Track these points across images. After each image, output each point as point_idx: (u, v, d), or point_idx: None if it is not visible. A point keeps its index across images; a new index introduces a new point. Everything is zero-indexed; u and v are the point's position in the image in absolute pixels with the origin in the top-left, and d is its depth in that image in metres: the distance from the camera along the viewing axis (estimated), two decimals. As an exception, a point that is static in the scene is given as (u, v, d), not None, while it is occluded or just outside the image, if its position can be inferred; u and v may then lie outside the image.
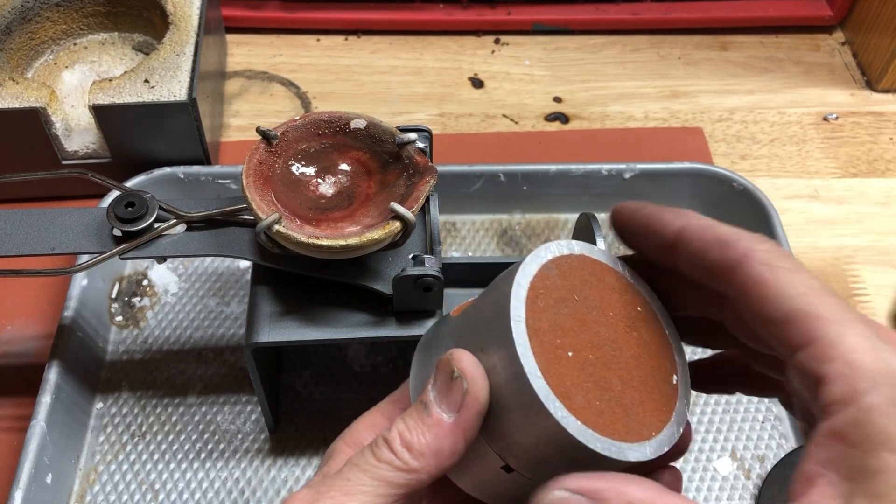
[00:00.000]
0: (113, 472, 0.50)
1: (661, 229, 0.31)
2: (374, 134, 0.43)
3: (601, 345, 0.30)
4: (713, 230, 0.30)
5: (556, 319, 0.29)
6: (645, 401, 0.30)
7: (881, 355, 0.25)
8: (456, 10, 0.76)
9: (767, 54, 0.76)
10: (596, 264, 0.32)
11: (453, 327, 0.32)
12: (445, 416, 0.29)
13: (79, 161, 0.60)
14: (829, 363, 0.26)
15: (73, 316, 0.52)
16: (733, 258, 0.29)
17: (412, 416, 0.30)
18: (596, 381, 0.29)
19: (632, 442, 0.29)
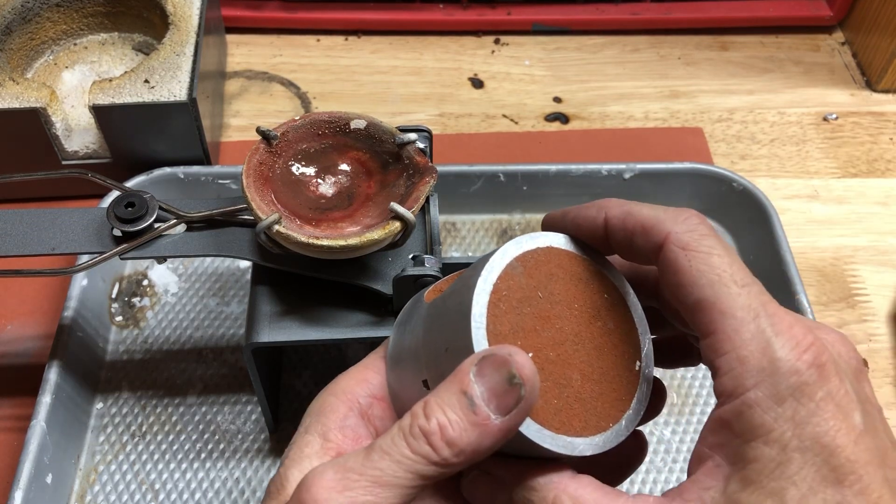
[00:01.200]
0: (113, 472, 0.50)
1: (589, 229, 0.32)
2: (374, 134, 0.43)
3: (563, 341, 0.31)
4: (634, 216, 0.31)
5: (518, 321, 0.30)
6: (604, 392, 0.31)
7: (769, 354, 0.27)
8: (456, 10, 0.76)
9: (767, 54, 0.76)
10: (563, 255, 0.33)
11: (425, 317, 0.33)
12: (493, 416, 0.28)
13: (79, 161, 0.60)
14: (723, 356, 0.28)
15: (73, 316, 0.52)
16: (655, 242, 0.30)
17: (455, 410, 0.28)
18: (555, 380, 0.30)
19: (588, 436, 0.30)
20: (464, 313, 0.30)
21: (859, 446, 0.26)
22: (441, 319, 0.32)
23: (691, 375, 0.54)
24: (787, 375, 0.27)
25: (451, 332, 0.30)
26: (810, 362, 0.27)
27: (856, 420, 0.27)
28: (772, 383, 0.27)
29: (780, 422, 0.26)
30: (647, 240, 0.30)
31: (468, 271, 0.32)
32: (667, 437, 0.52)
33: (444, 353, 0.30)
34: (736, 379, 0.27)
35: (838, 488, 0.26)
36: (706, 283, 0.28)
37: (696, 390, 0.54)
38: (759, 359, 0.27)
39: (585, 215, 0.33)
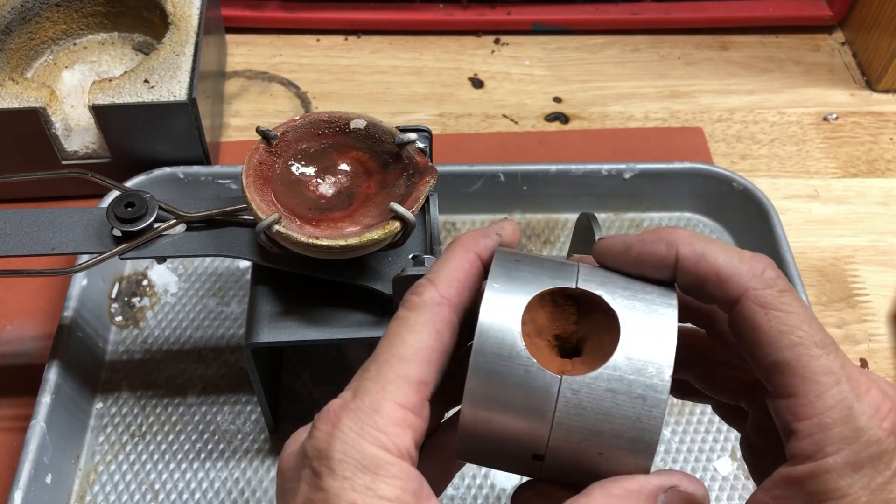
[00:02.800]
0: (113, 472, 0.50)
1: (656, 267, 0.31)
2: (374, 134, 0.43)
3: None
4: (708, 261, 0.30)
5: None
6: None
7: (852, 422, 0.27)
8: (456, 10, 0.76)
9: (767, 54, 0.76)
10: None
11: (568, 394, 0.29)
12: None
13: (79, 161, 0.60)
14: (804, 421, 0.27)
15: (73, 316, 0.52)
16: (731, 296, 0.29)
17: None
18: None
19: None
20: (645, 430, 0.28)
21: None
22: (598, 415, 0.28)
23: (691, 375, 0.54)
24: (868, 444, 0.27)
25: (613, 437, 0.28)
26: (889, 430, 0.27)
27: None
28: (852, 451, 0.27)
29: (855, 488, 0.27)
30: (723, 291, 0.29)
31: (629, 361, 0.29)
32: (666, 437, 0.52)
33: (591, 450, 0.28)
34: (816, 444, 0.27)
35: None
36: (786, 345, 0.28)
37: (696, 390, 0.54)
38: (841, 427, 0.27)
39: (652, 252, 0.31)
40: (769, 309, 0.28)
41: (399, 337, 0.30)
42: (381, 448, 0.27)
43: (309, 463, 0.28)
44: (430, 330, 0.29)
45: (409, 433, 0.28)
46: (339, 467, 0.27)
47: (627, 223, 0.62)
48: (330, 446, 0.27)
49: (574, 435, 0.28)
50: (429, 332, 0.29)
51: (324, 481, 0.27)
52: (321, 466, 0.27)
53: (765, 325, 0.28)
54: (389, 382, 0.28)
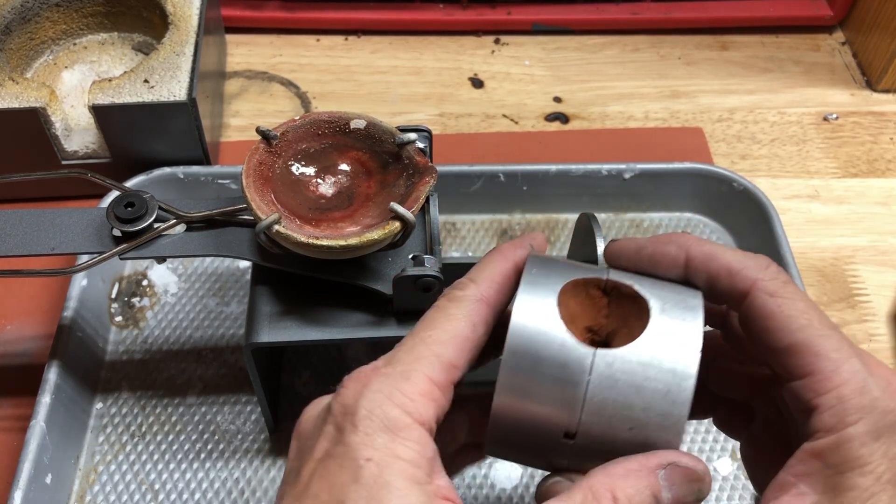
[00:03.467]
0: (113, 472, 0.50)
1: (668, 267, 0.33)
2: (374, 134, 0.43)
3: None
4: (718, 259, 0.32)
5: None
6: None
7: (869, 392, 0.29)
8: (456, 10, 0.76)
9: (767, 54, 0.76)
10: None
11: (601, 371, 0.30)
12: None
13: (78, 161, 0.60)
14: (823, 395, 0.29)
15: (73, 316, 0.52)
16: (741, 289, 0.31)
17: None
18: None
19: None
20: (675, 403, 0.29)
21: None
22: (630, 387, 0.29)
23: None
24: (885, 414, 0.29)
25: (643, 411, 0.29)
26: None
27: None
28: (871, 420, 0.28)
29: (875, 456, 0.28)
30: (733, 285, 0.31)
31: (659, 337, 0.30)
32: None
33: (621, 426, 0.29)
34: (837, 415, 0.29)
35: None
36: (797, 328, 0.30)
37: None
38: (859, 398, 0.29)
39: (664, 252, 0.33)
40: (778, 297, 0.30)
41: (437, 321, 0.31)
42: (405, 412, 0.28)
43: (333, 419, 0.29)
44: (468, 321, 0.31)
45: (432, 406, 0.29)
46: (362, 424, 0.28)
47: (627, 223, 0.62)
48: (357, 403, 0.28)
49: (606, 408, 0.29)
50: (466, 323, 0.31)
51: (345, 436, 0.28)
52: (345, 422, 0.28)
53: (776, 311, 0.30)
54: (423, 357, 0.30)
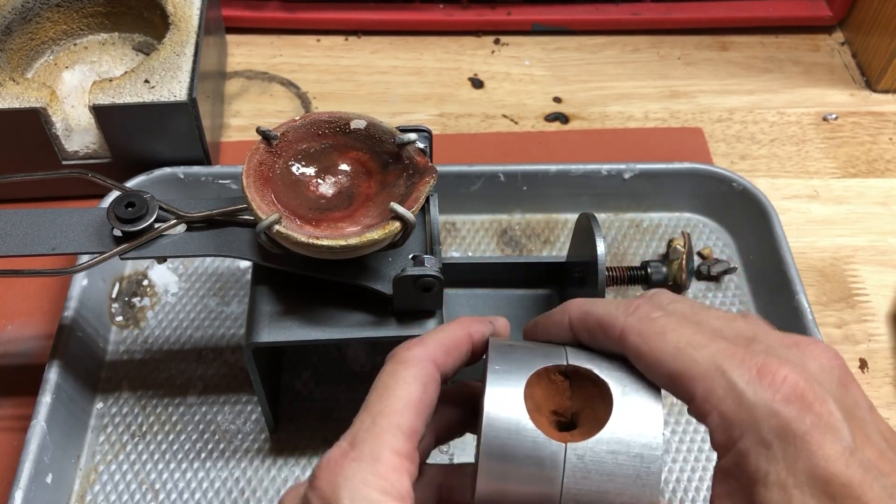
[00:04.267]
0: (113, 471, 0.50)
1: (558, 333, 0.35)
2: (374, 134, 0.43)
3: None
4: (592, 316, 0.33)
5: None
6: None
7: (745, 404, 0.28)
8: (456, 10, 0.76)
9: (767, 54, 0.76)
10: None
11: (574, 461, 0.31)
12: None
13: (79, 161, 0.60)
14: (707, 417, 0.29)
15: (74, 316, 0.52)
16: (616, 338, 0.32)
17: None
18: None
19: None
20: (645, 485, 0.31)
21: (851, 467, 0.27)
22: (602, 476, 0.31)
23: (691, 375, 0.54)
24: (768, 419, 0.28)
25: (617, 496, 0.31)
26: (787, 398, 0.28)
27: (844, 440, 0.28)
28: (754, 431, 0.28)
29: (772, 464, 0.28)
30: (607, 336, 0.32)
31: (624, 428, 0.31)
32: (666, 436, 0.52)
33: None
34: (725, 434, 0.29)
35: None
36: (669, 359, 0.30)
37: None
38: (737, 412, 0.29)
39: (552, 321, 0.35)
40: (644, 336, 0.31)
41: (389, 389, 0.32)
42: (384, 493, 0.29)
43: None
44: (418, 384, 0.32)
45: (406, 476, 0.30)
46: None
47: (627, 223, 0.62)
48: (337, 494, 0.29)
49: (582, 498, 0.31)
50: (416, 386, 0.32)
51: None
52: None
53: (647, 351, 0.31)
54: (385, 431, 0.31)
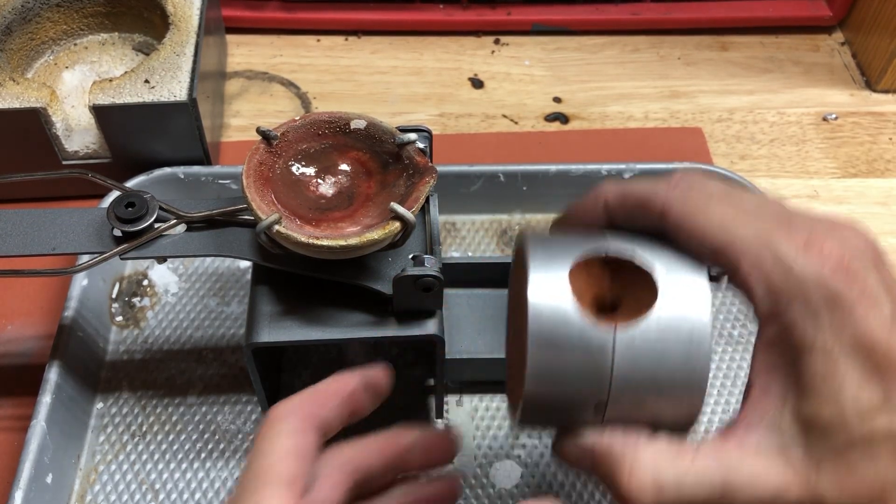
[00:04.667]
0: (113, 471, 0.50)
1: (592, 217, 0.35)
2: (374, 134, 0.43)
3: None
4: (630, 195, 0.33)
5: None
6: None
7: (793, 272, 0.29)
8: (456, 10, 0.76)
9: (767, 54, 0.76)
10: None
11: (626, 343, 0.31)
12: None
13: (79, 161, 0.60)
14: (755, 288, 0.30)
15: (74, 316, 0.52)
16: (656, 215, 0.32)
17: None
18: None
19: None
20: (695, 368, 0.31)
21: (894, 336, 0.29)
22: (652, 361, 0.31)
23: (691, 375, 0.54)
24: (816, 289, 0.29)
25: (668, 378, 0.31)
26: (834, 268, 0.29)
27: (885, 312, 0.29)
28: (805, 300, 0.29)
29: (819, 333, 0.29)
30: (648, 213, 0.33)
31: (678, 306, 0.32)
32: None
33: (648, 394, 0.31)
34: (772, 304, 0.30)
35: (882, 382, 0.28)
36: (715, 232, 0.31)
37: (695, 390, 0.54)
38: (786, 282, 0.29)
39: (586, 207, 0.35)
40: (687, 210, 0.31)
41: (265, 445, 0.34)
42: None
43: None
44: (290, 435, 0.34)
45: None
46: None
47: (627, 223, 0.62)
48: None
49: (632, 382, 0.31)
50: (289, 438, 0.34)
51: None
52: None
53: (691, 224, 0.31)
54: (265, 486, 0.32)
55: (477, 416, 0.52)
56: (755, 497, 0.29)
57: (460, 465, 0.50)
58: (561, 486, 0.50)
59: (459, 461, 0.50)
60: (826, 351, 0.29)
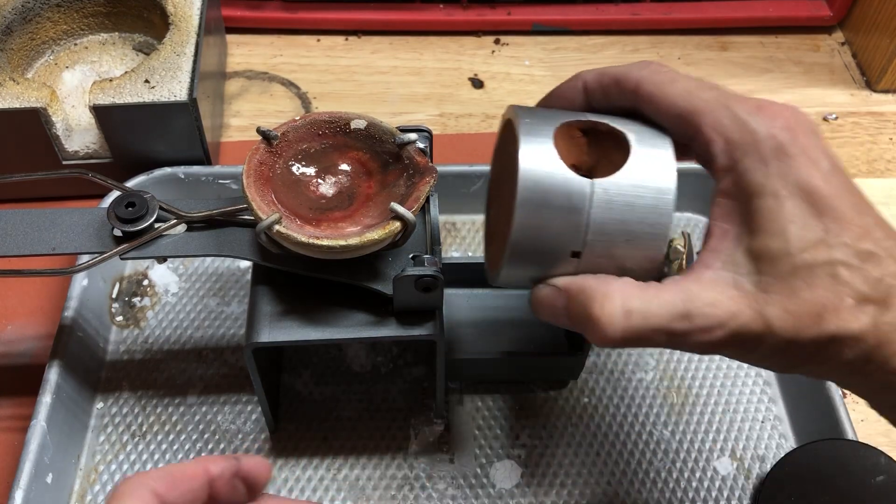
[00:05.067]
0: (113, 471, 0.50)
1: (571, 97, 0.40)
2: (375, 134, 0.43)
3: None
4: (607, 75, 0.39)
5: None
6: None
7: (749, 129, 0.34)
8: (456, 10, 0.76)
9: (767, 54, 0.76)
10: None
11: (601, 196, 0.35)
12: None
13: (79, 161, 0.60)
14: (713, 143, 0.35)
15: (74, 316, 0.52)
16: (630, 91, 0.38)
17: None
18: None
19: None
20: (662, 213, 0.35)
21: (831, 184, 0.34)
22: (624, 207, 0.35)
23: (691, 376, 0.54)
24: (767, 141, 0.34)
25: (637, 224, 0.35)
26: (782, 127, 0.34)
27: (824, 166, 0.34)
28: (756, 150, 0.34)
29: (770, 178, 0.34)
30: (622, 89, 0.38)
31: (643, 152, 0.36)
32: (666, 436, 0.52)
33: (619, 239, 0.36)
34: (729, 155, 0.35)
35: (822, 219, 0.33)
36: (681, 100, 0.36)
37: (695, 390, 0.54)
38: (741, 135, 0.34)
39: (567, 87, 0.40)
40: (658, 84, 0.37)
41: None
42: None
43: None
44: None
45: None
46: None
47: (627, 223, 0.62)
48: None
49: (607, 227, 0.35)
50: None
51: None
52: None
53: (660, 94, 0.36)
54: None
55: (477, 416, 0.52)
56: (712, 320, 0.33)
57: (460, 465, 0.50)
58: (561, 485, 0.50)
59: (459, 461, 0.50)
60: (774, 194, 0.33)
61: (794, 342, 0.33)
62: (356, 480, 0.50)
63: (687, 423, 0.52)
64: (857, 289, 0.33)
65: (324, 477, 0.50)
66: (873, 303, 0.33)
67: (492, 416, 0.52)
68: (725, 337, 0.34)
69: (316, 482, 0.50)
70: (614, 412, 0.53)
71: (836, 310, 0.33)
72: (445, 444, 0.51)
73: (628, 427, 0.52)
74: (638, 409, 0.53)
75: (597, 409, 0.53)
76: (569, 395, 0.53)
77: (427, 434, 0.51)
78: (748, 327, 0.33)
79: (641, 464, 0.50)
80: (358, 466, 0.50)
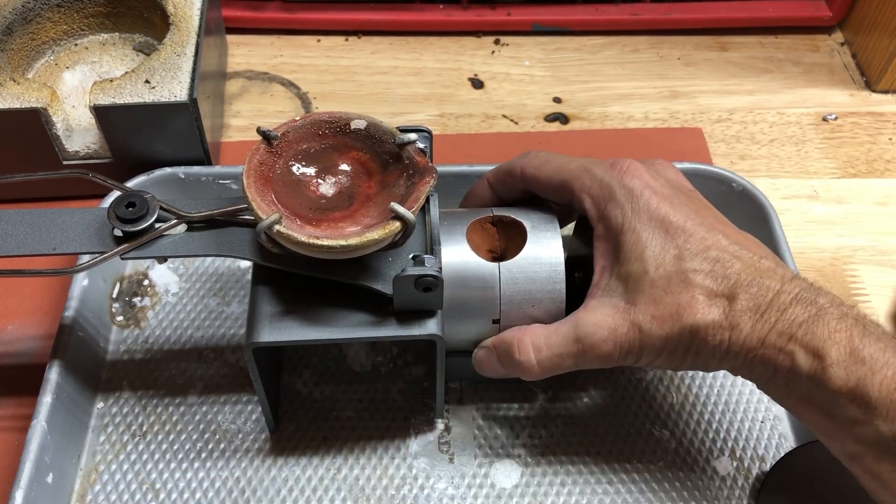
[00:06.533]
0: (114, 471, 0.50)
1: (482, 195, 0.51)
2: (375, 134, 0.43)
3: None
4: (499, 170, 0.49)
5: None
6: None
7: (605, 184, 0.44)
8: (456, 10, 0.76)
9: (767, 55, 0.76)
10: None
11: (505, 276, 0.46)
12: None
13: (80, 161, 0.61)
14: (584, 202, 0.45)
15: (74, 316, 0.52)
16: (518, 177, 0.48)
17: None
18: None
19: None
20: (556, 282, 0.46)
21: (680, 211, 0.43)
22: (526, 281, 0.45)
23: (690, 376, 0.54)
24: (620, 190, 0.43)
25: (538, 292, 0.45)
26: (629, 175, 0.44)
27: (671, 197, 0.43)
28: (614, 199, 0.43)
29: (627, 218, 0.43)
30: (513, 177, 0.48)
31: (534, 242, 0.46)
32: (666, 436, 0.52)
33: (526, 305, 0.46)
34: (597, 207, 0.44)
35: (675, 239, 0.42)
36: (553, 175, 0.46)
37: (695, 390, 0.54)
38: (601, 190, 0.44)
39: (477, 186, 0.51)
40: (534, 167, 0.47)
41: None
42: None
43: None
44: None
45: None
46: None
47: (627, 223, 0.62)
48: None
49: (515, 297, 0.45)
50: None
51: None
52: None
53: (538, 175, 0.47)
54: None
55: (477, 415, 0.52)
56: (598, 337, 0.42)
57: (460, 465, 0.50)
58: (561, 485, 0.50)
59: (459, 461, 0.50)
60: (632, 229, 0.42)
61: (667, 339, 0.41)
62: (356, 480, 0.50)
63: (686, 423, 0.52)
64: (707, 287, 0.40)
65: (324, 477, 0.50)
66: (723, 296, 0.40)
67: (492, 416, 0.52)
68: (613, 348, 0.42)
69: (316, 482, 0.50)
70: (614, 412, 0.53)
71: (691, 306, 0.40)
72: (445, 444, 0.51)
73: (628, 427, 0.52)
74: (637, 409, 0.53)
75: (597, 409, 0.53)
76: (569, 395, 0.53)
77: (427, 434, 0.51)
78: (628, 335, 0.41)
79: (641, 463, 0.51)
80: (358, 466, 0.50)
